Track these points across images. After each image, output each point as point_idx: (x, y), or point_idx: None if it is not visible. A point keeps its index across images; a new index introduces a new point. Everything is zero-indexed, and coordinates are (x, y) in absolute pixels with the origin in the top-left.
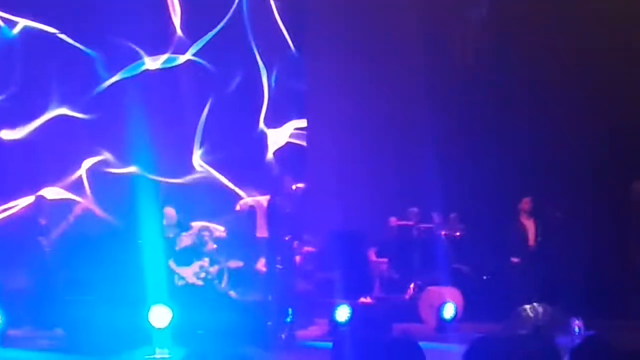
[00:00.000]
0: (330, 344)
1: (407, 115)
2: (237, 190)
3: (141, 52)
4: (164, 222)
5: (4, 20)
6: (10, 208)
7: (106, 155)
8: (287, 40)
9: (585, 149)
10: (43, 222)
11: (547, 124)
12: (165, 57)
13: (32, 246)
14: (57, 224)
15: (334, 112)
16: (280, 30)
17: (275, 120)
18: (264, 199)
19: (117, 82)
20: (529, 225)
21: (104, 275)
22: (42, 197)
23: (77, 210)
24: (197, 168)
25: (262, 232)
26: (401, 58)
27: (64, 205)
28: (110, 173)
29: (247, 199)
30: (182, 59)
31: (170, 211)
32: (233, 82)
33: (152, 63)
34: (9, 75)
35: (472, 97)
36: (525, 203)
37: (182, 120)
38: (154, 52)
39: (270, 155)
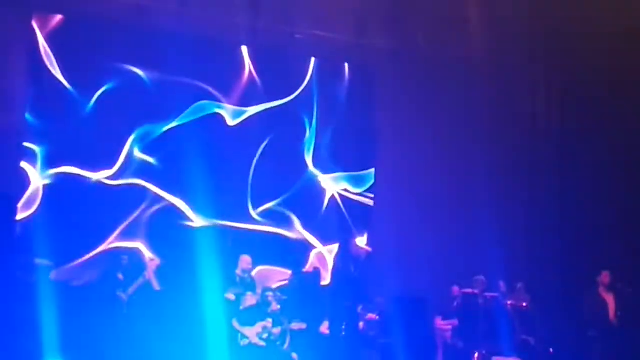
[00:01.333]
0: None
1: (475, 180)
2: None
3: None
4: (238, 270)
5: None
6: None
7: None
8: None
9: None
10: (120, 277)
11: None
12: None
13: (111, 300)
14: (133, 279)
15: (401, 174)
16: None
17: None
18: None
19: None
20: (608, 298)
21: (168, 333)
22: (118, 250)
23: (152, 265)
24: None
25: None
26: (468, 122)
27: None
28: (176, 223)
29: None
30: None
31: (246, 259)
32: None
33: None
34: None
35: (542, 161)
36: (605, 276)
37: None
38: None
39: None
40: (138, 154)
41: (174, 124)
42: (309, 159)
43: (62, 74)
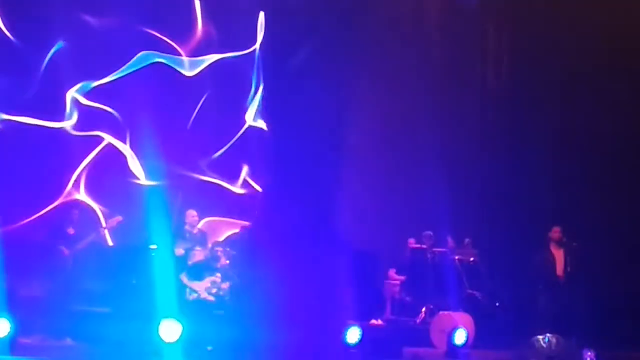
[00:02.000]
0: None
1: (425, 138)
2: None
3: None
4: (186, 226)
5: None
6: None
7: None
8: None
9: (611, 175)
10: (71, 231)
11: (566, 148)
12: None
13: (54, 255)
14: (86, 235)
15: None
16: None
17: None
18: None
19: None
20: (558, 254)
21: (117, 288)
22: (72, 204)
23: (112, 222)
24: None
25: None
26: (417, 81)
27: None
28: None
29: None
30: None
31: (191, 213)
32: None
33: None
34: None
35: (491, 119)
36: (555, 232)
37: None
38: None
39: None
40: (85, 102)
41: (120, 74)
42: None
43: (7, 24)
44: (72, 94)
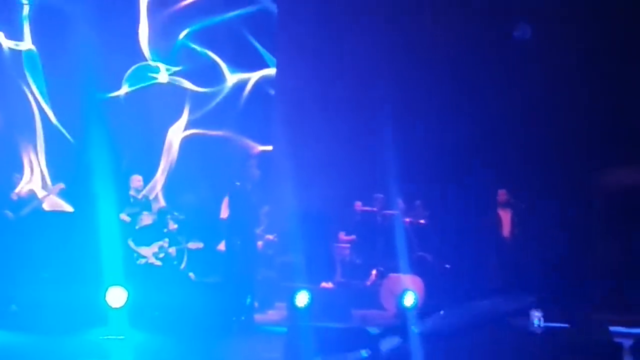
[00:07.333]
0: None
1: (375, 98)
2: None
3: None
4: (130, 191)
5: None
6: None
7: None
8: None
9: (555, 136)
10: (14, 197)
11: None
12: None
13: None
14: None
15: (302, 94)
16: None
17: None
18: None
19: None
20: (504, 216)
21: (62, 253)
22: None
23: (55, 189)
24: None
25: (225, 213)
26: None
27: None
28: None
29: None
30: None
31: (136, 177)
32: None
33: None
34: None
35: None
36: (501, 195)
37: None
38: None
39: None
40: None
41: None
42: None
43: None
44: None
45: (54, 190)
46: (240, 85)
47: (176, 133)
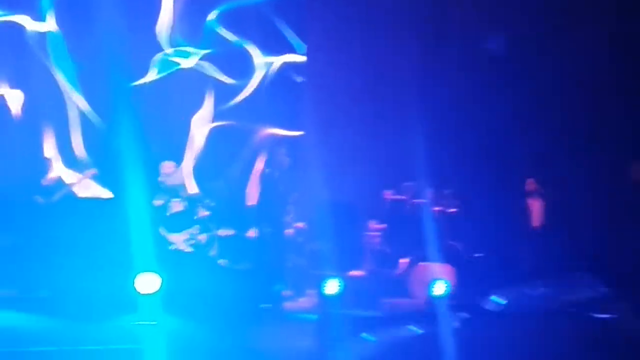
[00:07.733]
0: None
1: (404, 87)
2: None
3: None
4: (161, 177)
5: None
6: None
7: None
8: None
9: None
10: (45, 182)
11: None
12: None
13: (27, 205)
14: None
15: (331, 81)
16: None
17: None
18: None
19: None
20: (534, 205)
21: (95, 239)
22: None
23: (86, 175)
24: None
25: (252, 200)
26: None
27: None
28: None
29: None
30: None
31: (167, 164)
32: None
33: None
34: None
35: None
36: (530, 184)
37: None
38: None
39: None
40: None
41: None
42: None
43: None
44: None
45: (85, 176)
46: (269, 72)
47: (205, 120)
